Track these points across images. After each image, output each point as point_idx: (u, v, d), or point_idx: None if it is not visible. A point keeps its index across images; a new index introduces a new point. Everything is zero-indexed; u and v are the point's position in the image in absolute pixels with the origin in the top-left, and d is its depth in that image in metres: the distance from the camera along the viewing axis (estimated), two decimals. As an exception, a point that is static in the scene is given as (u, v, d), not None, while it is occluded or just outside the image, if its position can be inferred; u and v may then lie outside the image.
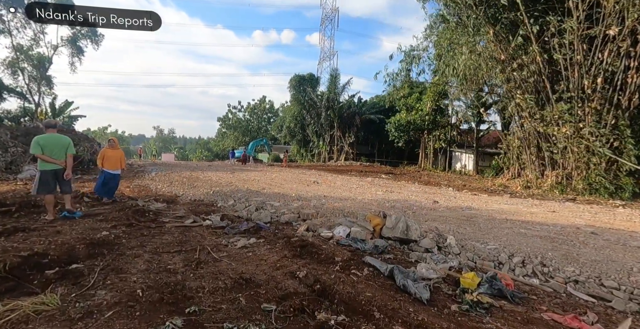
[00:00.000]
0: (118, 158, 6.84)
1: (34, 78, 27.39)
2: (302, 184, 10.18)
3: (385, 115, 35.54)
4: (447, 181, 14.66)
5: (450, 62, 13.00)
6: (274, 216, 5.53)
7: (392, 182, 12.49)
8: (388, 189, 9.31)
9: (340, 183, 10.67)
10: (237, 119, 61.16)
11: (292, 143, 45.64)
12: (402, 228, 3.61)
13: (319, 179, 11.87)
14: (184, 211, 6.00)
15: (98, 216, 5.21)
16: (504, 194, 9.95)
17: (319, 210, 5.47)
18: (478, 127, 23.23)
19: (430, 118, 23.00)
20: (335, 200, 6.68)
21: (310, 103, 37.46)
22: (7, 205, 5.56)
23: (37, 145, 4.76)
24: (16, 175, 10.83)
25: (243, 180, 11.18)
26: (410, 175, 18.29)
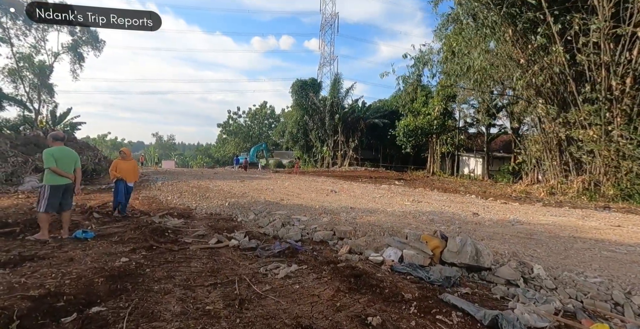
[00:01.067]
0: (131, 169, 6.35)
1: (34, 86, 27.00)
2: (320, 193, 9.67)
3: (390, 120, 35.20)
4: (463, 187, 14.15)
5: (464, 62, 12.52)
6: (304, 233, 5.02)
7: (410, 189, 11.98)
8: (413, 198, 8.80)
9: (360, 192, 10.17)
10: (237, 125, 60.82)
11: (294, 149, 45.21)
12: (470, 253, 3.09)
13: (336, 187, 11.36)
14: (204, 228, 5.48)
15: (113, 236, 4.68)
16: (535, 202, 9.41)
17: (355, 225, 4.96)
18: (488, 131, 22.80)
19: (439, 122, 22.58)
20: (365, 213, 6.17)
21: (313, 108, 37.11)
22: (10, 224, 5.04)
23: (52, 158, 4.38)
24: (17, 186, 10.30)
25: (256, 189, 10.67)
26: (422, 181, 17.79)
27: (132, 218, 6.17)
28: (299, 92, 38.15)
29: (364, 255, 3.71)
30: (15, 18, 24.61)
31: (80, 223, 5.53)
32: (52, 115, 29.08)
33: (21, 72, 26.29)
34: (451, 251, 3.25)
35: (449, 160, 27.07)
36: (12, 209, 6.78)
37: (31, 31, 25.93)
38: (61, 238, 4.47)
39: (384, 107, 38.02)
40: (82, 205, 7.60)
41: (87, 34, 27.37)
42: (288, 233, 4.99)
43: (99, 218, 5.97)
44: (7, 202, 7.57)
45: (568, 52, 10.25)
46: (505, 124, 21.79)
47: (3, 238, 4.49)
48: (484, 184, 17.40)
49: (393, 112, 36.51)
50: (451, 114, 23.96)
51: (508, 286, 2.80)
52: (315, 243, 4.57)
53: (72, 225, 5.33)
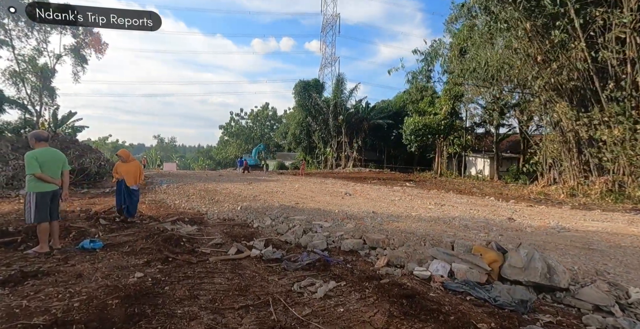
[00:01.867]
0: (132, 171, 5.94)
1: (36, 88, 26.68)
2: (335, 196, 9.26)
3: (394, 120, 34.82)
4: (476, 188, 13.74)
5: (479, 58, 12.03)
6: (329, 241, 4.61)
7: (424, 191, 11.57)
8: (433, 201, 8.38)
9: (375, 194, 9.76)
10: (239, 127, 60.50)
11: (297, 150, 44.84)
12: (541, 270, 2.67)
13: (349, 190, 10.95)
14: (220, 235, 5.09)
15: (123, 246, 4.29)
16: (560, 205, 8.94)
17: (385, 233, 4.55)
18: (497, 131, 22.36)
19: (447, 122, 22.17)
20: (391, 218, 5.77)
21: (316, 109, 36.77)
22: (11, 233, 4.65)
23: (35, 162, 3.82)
24: (18, 191, 9.92)
25: (267, 192, 10.28)
26: (432, 182, 17.37)
27: (141, 224, 5.78)
28: (302, 93, 37.83)
29: (406, 269, 3.29)
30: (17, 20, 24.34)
31: (87, 230, 5.14)
32: (53, 118, 28.77)
33: (23, 74, 25.99)
34: (514, 267, 2.83)
35: (456, 160, 26.67)
36: (13, 215, 6.40)
37: (33, 33, 25.65)
38: (52, 248, 4.04)
39: (387, 107, 37.67)
40: (87, 210, 7.22)
41: (90, 36, 27.09)
42: (312, 241, 4.59)
43: (106, 225, 5.58)
44: (7, 207, 7.20)
45: (590, 48, 9.82)
46: (515, 124, 21.38)
47: (3, 249, 4.11)
48: (495, 185, 16.97)
49: (397, 112, 36.13)
50: (458, 114, 23.56)
51: (600, 314, 2.35)
52: (345, 253, 4.16)
53: (78, 233, 4.96)
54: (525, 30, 10.30)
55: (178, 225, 5.62)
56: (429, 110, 24.52)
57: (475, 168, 27.74)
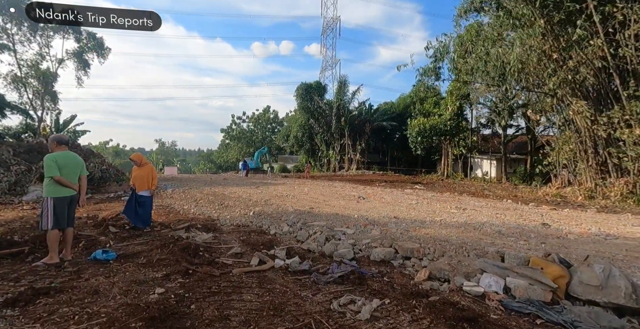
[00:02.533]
0: (144, 176, 5.65)
1: (38, 93, 26.50)
2: (348, 200, 8.98)
3: (397, 122, 34.61)
4: (488, 191, 13.44)
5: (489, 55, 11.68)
6: (356, 249, 4.33)
7: (437, 194, 11.28)
8: (454, 205, 8.07)
9: (390, 198, 9.48)
10: (241, 130, 60.29)
11: (299, 153, 44.61)
12: (625, 289, 2.32)
13: (360, 193, 10.67)
14: (238, 244, 4.80)
15: (138, 257, 4.00)
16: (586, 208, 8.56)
17: (417, 241, 4.26)
18: (505, 132, 22.08)
19: (453, 123, 21.90)
20: (416, 224, 5.48)
21: (319, 112, 36.58)
22: (17, 242, 4.36)
23: (55, 165, 3.65)
24: (21, 196, 9.65)
25: (276, 196, 9.99)
26: (441, 185, 17.08)
27: (152, 232, 5.50)
28: (304, 96, 37.66)
29: (453, 283, 2.98)
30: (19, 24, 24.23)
31: (96, 239, 4.86)
32: (55, 123, 28.58)
33: (25, 79, 25.83)
34: (587, 284, 2.50)
35: (461, 162, 26.37)
36: (18, 223, 6.12)
37: (36, 37, 25.55)
38: (63, 260, 3.77)
39: (390, 109, 37.48)
40: (94, 217, 6.95)
41: (92, 40, 27.01)
42: (337, 249, 4.30)
43: (117, 233, 5.29)
44: (11, 214, 6.92)
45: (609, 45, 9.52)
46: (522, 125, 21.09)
47: (9, 261, 3.83)
48: (505, 187, 16.66)
49: (400, 114, 35.94)
50: (464, 115, 23.30)
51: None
52: (376, 263, 3.86)
53: (88, 242, 4.68)
54: (539, 27, 10.00)
55: (192, 232, 5.34)
56: (434, 111, 24.27)
57: (481, 169, 27.45)
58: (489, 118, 22.58)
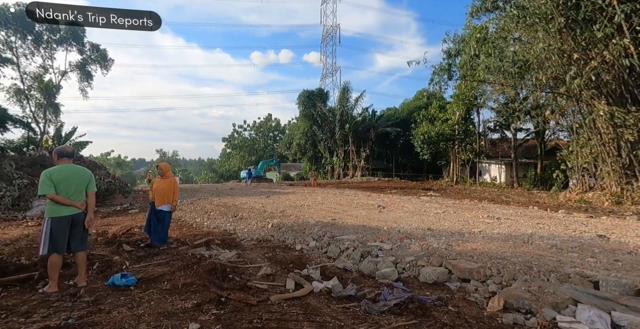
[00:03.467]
0: (166, 189, 5.23)
1: (40, 105, 26.35)
2: (368, 210, 8.58)
3: (402, 128, 34.40)
4: (506, 197, 13.02)
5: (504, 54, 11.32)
6: (399, 268, 3.92)
7: (457, 201, 10.87)
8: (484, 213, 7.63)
9: (412, 207, 9.06)
10: (242, 138, 60.14)
11: (303, 160, 44.30)
12: None
13: (378, 201, 10.27)
14: (265, 263, 4.40)
15: (160, 281, 3.60)
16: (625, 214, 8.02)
17: (470, 258, 3.84)
18: (515, 136, 21.73)
19: (460, 128, 21.60)
20: (455, 237, 5.07)
21: (322, 118, 36.40)
22: (26, 267, 3.95)
23: (49, 182, 3.19)
24: (25, 212, 9.26)
25: (291, 206, 9.59)
26: (453, 191, 16.65)
27: (169, 249, 5.09)
28: (306, 103, 37.60)
29: (542, 317, 2.47)
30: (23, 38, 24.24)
31: (111, 259, 4.45)
32: (57, 135, 28.33)
33: (28, 91, 25.71)
34: None
35: (469, 167, 25.99)
36: (24, 241, 5.73)
37: (39, 50, 25.55)
38: (77, 287, 3.36)
39: (394, 115, 37.32)
40: (104, 233, 6.55)
41: (96, 52, 27.04)
42: (378, 269, 3.90)
43: (131, 252, 4.89)
44: (16, 232, 6.52)
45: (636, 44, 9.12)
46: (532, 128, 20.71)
47: (18, 289, 3.42)
48: (520, 193, 16.23)
49: (404, 120, 35.77)
50: (471, 120, 23.01)
51: None
52: (428, 286, 3.44)
53: (102, 263, 4.28)
54: (559, 25, 9.65)
55: (214, 249, 4.93)
56: (440, 116, 24.01)
57: (490, 174, 27.06)
58: (497, 122, 22.25)
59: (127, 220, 8.56)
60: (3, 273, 3.61)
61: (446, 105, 23.87)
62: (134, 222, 7.90)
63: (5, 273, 3.62)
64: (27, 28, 24.11)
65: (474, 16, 13.19)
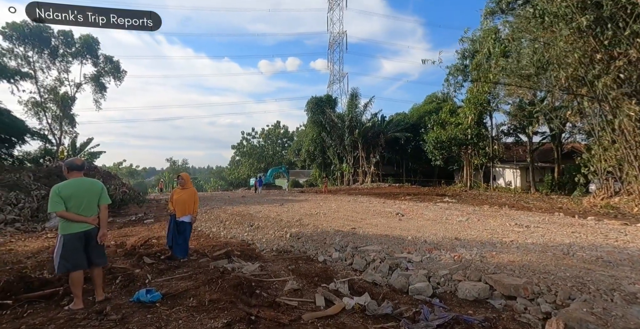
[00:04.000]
0: (186, 200, 5.14)
1: (56, 117, 27.02)
2: (387, 217, 8.37)
3: (411, 133, 34.12)
4: (526, 203, 12.61)
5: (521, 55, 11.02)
6: (433, 282, 3.72)
7: (477, 208, 10.54)
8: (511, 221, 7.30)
9: (432, 214, 8.82)
10: (251, 146, 60.57)
11: (312, 167, 44.24)
12: None
13: (396, 209, 10.04)
14: (290, 276, 4.26)
15: (185, 296, 3.48)
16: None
17: (515, 273, 3.61)
18: (530, 139, 21.24)
19: (473, 131, 21.25)
20: (487, 247, 4.83)
21: (331, 125, 36.39)
22: (49, 281, 3.89)
23: (59, 198, 3.06)
24: (43, 223, 9.33)
25: (306, 214, 9.45)
26: (469, 196, 16.26)
27: (190, 261, 5.00)
28: (315, 109, 37.70)
29: None
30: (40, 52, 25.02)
31: (132, 273, 4.37)
32: (72, 145, 28.93)
33: (45, 104, 26.42)
34: None
35: (482, 171, 25.47)
36: (45, 254, 5.71)
37: (55, 63, 26.33)
38: (101, 303, 3.27)
39: (404, 120, 37.08)
40: (122, 244, 6.50)
41: (109, 64, 27.76)
42: (410, 283, 3.71)
43: (152, 264, 4.80)
44: (36, 244, 6.53)
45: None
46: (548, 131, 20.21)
47: (43, 305, 3.35)
48: (539, 198, 15.74)
49: (414, 125, 35.50)
50: (484, 123, 22.62)
51: None
52: (468, 303, 3.22)
53: (125, 277, 4.19)
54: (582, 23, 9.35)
55: (236, 262, 4.81)
56: (451, 121, 23.70)
57: (504, 179, 26.47)
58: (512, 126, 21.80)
59: (143, 230, 8.54)
60: (28, 289, 3.55)
61: (457, 110, 23.56)
62: (150, 232, 7.86)
63: (30, 289, 3.56)
64: (44, 42, 24.94)
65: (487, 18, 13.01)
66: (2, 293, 3.33)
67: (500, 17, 12.85)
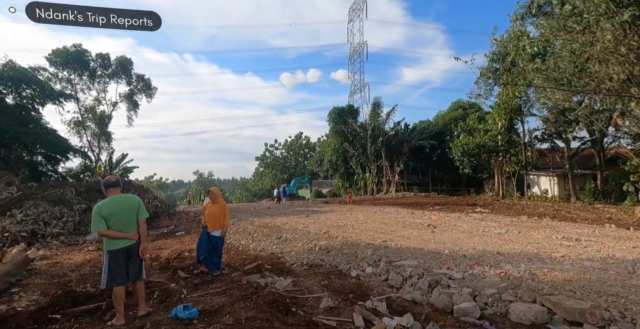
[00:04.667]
0: (217, 214, 5.19)
1: (95, 135, 28.92)
2: (419, 230, 8.07)
3: (437, 141, 33.26)
4: (567, 212, 11.75)
5: (560, 56, 10.39)
6: (479, 302, 3.45)
7: (514, 218, 9.94)
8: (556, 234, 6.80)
9: (467, 226, 8.41)
10: (274, 157, 61.56)
11: (334, 177, 44.09)
12: None
13: (426, 220, 9.68)
14: (323, 291, 4.13)
15: (221, 313, 3.45)
16: None
17: (574, 294, 3.29)
18: (568, 145, 19.97)
19: (504, 138, 20.32)
20: (535, 264, 4.46)
21: (353, 135, 36.29)
22: (93, 295, 4.01)
23: (100, 218, 3.17)
24: (84, 236, 9.81)
25: (333, 226, 9.31)
26: (503, 206, 15.42)
27: (222, 275, 5.00)
28: (337, 120, 37.82)
29: None
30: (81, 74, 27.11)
31: (168, 287, 4.43)
32: (109, 161, 30.72)
33: (84, 123, 28.40)
34: None
35: (515, 180, 24.17)
36: (87, 267, 5.95)
37: (94, 84, 28.39)
38: (142, 319, 3.30)
39: (428, 127, 36.30)
40: (157, 257, 6.66)
41: (141, 82, 29.50)
42: (455, 302, 3.47)
43: (187, 278, 4.85)
44: (79, 257, 6.84)
45: None
46: (588, 136, 18.94)
47: (88, 319, 3.43)
48: (581, 207, 14.63)
49: (439, 132, 34.64)
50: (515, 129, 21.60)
51: None
52: (522, 327, 2.95)
53: (162, 292, 4.25)
54: (620, 19, 8.75)
55: (268, 277, 4.76)
56: (479, 127, 22.85)
57: (540, 187, 24.97)
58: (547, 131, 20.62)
59: (175, 242, 8.74)
60: (74, 303, 3.67)
61: (486, 116, 22.72)
62: (182, 245, 8.02)
63: (76, 303, 3.68)
64: (84, 66, 27.03)
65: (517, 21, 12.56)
66: (52, 307, 3.47)
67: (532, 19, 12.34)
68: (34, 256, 6.08)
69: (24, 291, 4.36)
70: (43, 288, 4.51)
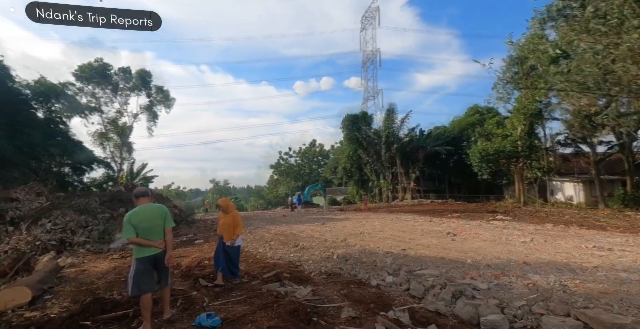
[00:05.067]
0: (230, 224, 5.25)
1: (117, 146, 30.11)
2: (438, 238, 7.90)
3: (453, 146, 32.66)
4: (595, 220, 11.21)
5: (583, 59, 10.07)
6: (508, 314, 3.33)
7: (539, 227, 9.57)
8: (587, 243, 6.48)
9: (489, 234, 8.17)
10: (288, 165, 62.04)
11: (349, 184, 43.86)
12: None
13: (445, 228, 9.47)
14: (343, 301, 4.10)
15: (244, 322, 3.48)
16: None
17: (612, 307, 3.13)
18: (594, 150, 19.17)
19: (524, 143, 19.73)
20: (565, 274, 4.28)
21: (367, 141, 36.15)
22: (120, 303, 4.13)
23: (130, 226, 3.32)
24: (109, 244, 10.13)
25: (350, 234, 9.24)
26: (525, 213, 14.89)
27: (242, 283, 5.05)
28: (350, 127, 37.83)
29: None
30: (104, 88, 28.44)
31: (190, 295, 4.51)
32: (130, 171, 31.81)
33: (107, 134, 29.65)
34: None
35: (537, 186, 23.32)
36: (112, 274, 6.14)
37: (116, 97, 29.70)
38: (162, 321, 3.39)
39: (444, 133, 35.71)
40: (178, 265, 6.79)
41: (160, 93, 30.64)
42: (480, 314, 3.36)
43: (208, 287, 4.92)
44: (105, 265, 7.06)
45: None
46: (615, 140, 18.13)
47: (116, 327, 3.54)
48: (611, 214, 13.93)
49: (456, 138, 34.02)
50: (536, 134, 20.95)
51: None
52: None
53: (185, 300, 4.33)
54: None
55: (288, 286, 4.76)
56: (498, 132, 22.32)
57: (563, 193, 23.98)
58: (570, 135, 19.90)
59: (195, 250, 8.89)
60: (102, 310, 3.79)
61: (504, 121, 22.19)
62: (202, 253, 8.15)
63: (104, 310, 3.79)
64: (107, 80, 28.39)
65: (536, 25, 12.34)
66: (82, 314, 3.59)
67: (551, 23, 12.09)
68: (64, 264, 6.33)
69: (55, 298, 4.54)
70: (73, 295, 4.68)
